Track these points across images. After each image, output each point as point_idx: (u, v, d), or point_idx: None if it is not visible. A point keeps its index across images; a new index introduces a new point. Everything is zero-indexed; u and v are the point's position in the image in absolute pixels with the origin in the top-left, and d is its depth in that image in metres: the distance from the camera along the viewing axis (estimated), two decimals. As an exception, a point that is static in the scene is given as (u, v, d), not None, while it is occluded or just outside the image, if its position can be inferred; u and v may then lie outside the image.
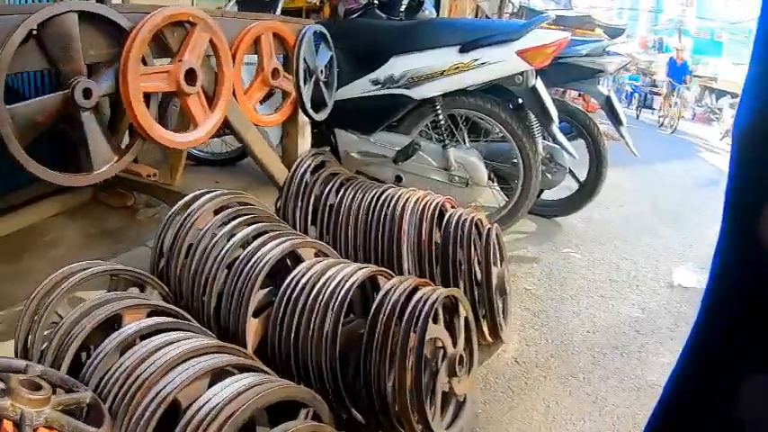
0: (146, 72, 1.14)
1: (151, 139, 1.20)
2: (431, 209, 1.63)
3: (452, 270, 1.53)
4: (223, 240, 1.40)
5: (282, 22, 1.58)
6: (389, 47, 2.19)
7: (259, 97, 1.60)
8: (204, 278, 1.34)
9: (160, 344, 0.94)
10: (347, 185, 1.83)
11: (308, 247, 1.44)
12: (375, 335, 1.17)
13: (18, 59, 0.98)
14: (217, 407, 0.81)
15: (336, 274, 1.29)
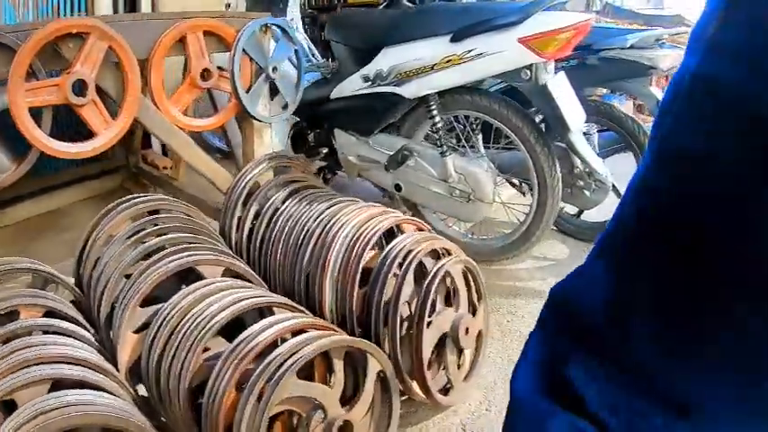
0: (31, 87, 1.32)
1: (46, 149, 1.40)
2: (368, 235, 1.61)
3: (375, 314, 1.51)
4: (127, 251, 1.58)
5: (218, 19, 1.68)
6: (379, 38, 2.17)
7: (188, 101, 1.72)
8: (102, 287, 1.52)
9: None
10: (293, 198, 1.89)
11: (211, 264, 1.54)
12: (222, 377, 1.23)
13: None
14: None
15: (218, 300, 1.37)
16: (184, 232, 1.69)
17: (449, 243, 1.68)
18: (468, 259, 1.66)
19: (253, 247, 1.85)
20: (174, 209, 1.81)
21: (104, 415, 1.05)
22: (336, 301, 1.58)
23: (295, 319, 1.36)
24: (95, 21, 1.39)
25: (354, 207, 1.78)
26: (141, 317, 1.41)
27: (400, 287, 1.50)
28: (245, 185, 1.94)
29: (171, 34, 1.56)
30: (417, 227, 1.75)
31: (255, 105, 1.85)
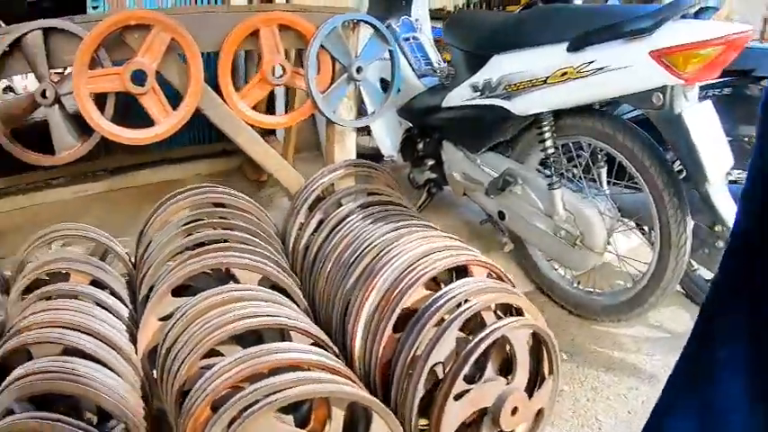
0: (93, 75, 1.40)
1: (105, 133, 1.48)
2: (419, 272, 1.43)
3: (400, 368, 1.32)
4: (176, 239, 1.63)
5: (296, 13, 1.61)
6: (491, 43, 1.95)
7: (258, 96, 1.69)
8: (146, 269, 1.59)
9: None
10: (360, 213, 1.77)
11: (244, 269, 1.51)
12: (201, 391, 1.17)
13: (8, 65, 1.44)
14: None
15: (233, 310, 1.33)
16: (239, 230, 1.69)
17: (523, 301, 1.45)
18: (541, 325, 1.41)
19: (307, 258, 1.78)
20: (238, 204, 1.83)
21: (85, 389, 1.12)
22: (366, 341, 1.42)
23: (303, 353, 1.25)
24: (157, 13, 1.44)
25: (420, 235, 1.62)
26: (169, 306, 1.44)
27: (436, 341, 1.31)
28: (314, 190, 1.88)
29: (241, 27, 1.55)
30: (492, 272, 1.53)
31: (332, 107, 1.77)
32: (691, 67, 1.45)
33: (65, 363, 1.15)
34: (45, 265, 1.45)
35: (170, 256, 1.57)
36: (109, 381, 1.19)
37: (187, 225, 1.67)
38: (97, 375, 1.18)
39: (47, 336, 1.20)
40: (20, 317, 1.29)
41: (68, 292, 1.40)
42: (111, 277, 1.56)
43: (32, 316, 1.26)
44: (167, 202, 1.79)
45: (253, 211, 1.84)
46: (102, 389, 1.15)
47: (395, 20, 2.44)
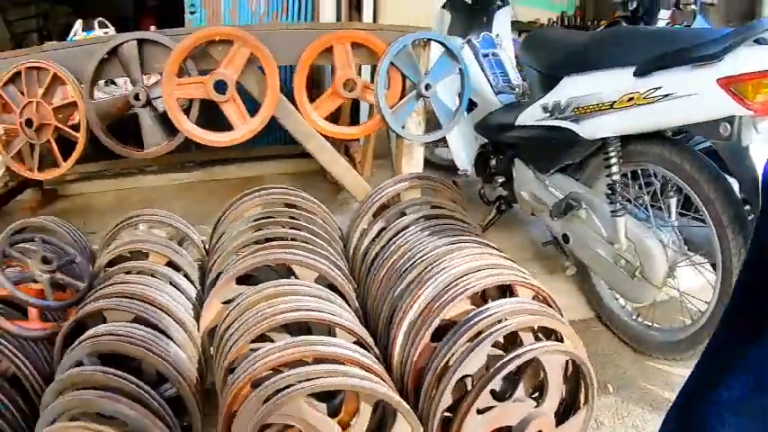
0: (181, 82, 1.61)
1: (188, 134, 1.69)
2: (461, 288, 1.49)
3: (430, 376, 1.39)
4: (246, 233, 1.80)
5: (369, 32, 1.73)
6: (562, 64, 1.96)
7: (330, 108, 1.83)
8: (216, 257, 1.78)
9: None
10: (418, 224, 1.85)
11: (302, 267, 1.64)
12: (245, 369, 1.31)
13: (106, 70, 1.67)
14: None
15: (284, 303, 1.46)
16: (305, 230, 1.83)
17: (564, 327, 1.45)
18: (579, 354, 1.41)
19: (365, 262, 1.89)
20: (307, 206, 1.98)
21: (145, 353, 1.31)
22: (405, 347, 1.51)
23: (342, 349, 1.35)
24: (239, 30, 1.63)
25: (471, 252, 1.67)
26: (232, 292, 1.60)
27: (467, 354, 1.36)
28: (378, 199, 1.99)
29: (317, 43, 1.70)
30: (539, 295, 1.55)
31: (400, 122, 1.87)
32: (761, 97, 1.38)
33: (132, 329, 1.35)
34: (128, 244, 1.68)
35: (238, 248, 1.75)
36: (169, 349, 1.37)
37: (257, 221, 1.85)
38: (159, 343, 1.36)
39: (119, 304, 1.41)
40: (100, 286, 1.52)
41: (145, 269, 1.62)
42: (186, 261, 1.77)
43: (111, 287, 1.48)
44: (243, 198, 1.98)
45: (320, 214, 1.99)
46: (162, 355, 1.33)
47: (475, 36, 2.50)
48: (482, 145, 2.58)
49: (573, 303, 2.16)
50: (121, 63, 1.69)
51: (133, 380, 1.24)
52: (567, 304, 2.09)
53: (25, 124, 1.68)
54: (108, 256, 1.68)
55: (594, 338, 2.00)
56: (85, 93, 1.68)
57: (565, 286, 2.25)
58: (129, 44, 1.67)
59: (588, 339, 1.91)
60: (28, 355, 1.35)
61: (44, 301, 1.42)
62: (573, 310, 2.08)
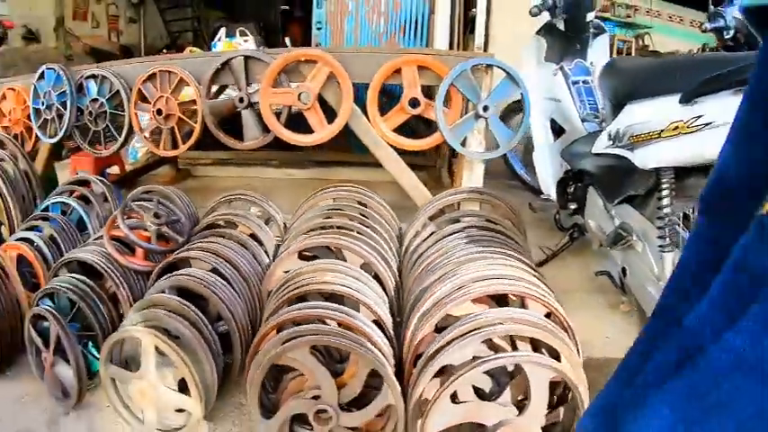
0: (274, 92, 2.05)
1: (278, 133, 2.14)
2: (466, 293, 1.68)
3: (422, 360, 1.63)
4: (315, 219, 2.19)
5: (434, 56, 2.01)
6: (626, 91, 2.02)
7: (398, 122, 2.13)
8: (290, 235, 2.19)
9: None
10: (462, 234, 2.08)
11: (350, 252, 1.97)
12: (273, 316, 1.69)
13: (219, 77, 2.15)
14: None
15: (322, 276, 1.80)
16: (365, 225, 2.16)
17: (565, 347, 1.49)
18: (570, 376, 1.46)
19: (410, 258, 2.16)
20: (374, 205, 2.32)
21: (209, 293, 1.77)
22: (413, 333, 1.75)
23: (355, 320, 1.64)
24: (321, 52, 2.02)
25: (496, 262, 1.82)
26: (292, 264, 1.97)
27: (450, 343, 1.55)
28: (434, 207, 2.25)
29: (388, 65, 2.03)
30: (553, 313, 1.62)
31: (458, 138, 2.11)
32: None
33: (205, 275, 1.80)
34: (223, 215, 2.17)
35: (306, 230, 2.14)
36: (228, 295, 1.79)
37: (327, 211, 2.24)
38: (223, 289, 1.79)
39: (201, 256, 1.87)
40: (193, 242, 2.01)
41: (231, 235, 2.08)
42: (266, 236, 2.21)
43: (200, 243, 1.95)
44: (322, 191, 2.39)
45: (384, 214, 2.31)
46: (222, 298, 1.75)
47: (568, 62, 2.60)
48: (565, 171, 2.67)
49: (626, 342, 2.18)
50: (232, 73, 2.20)
51: (194, 309, 1.69)
52: (615, 340, 2.12)
53: (156, 113, 2.31)
54: (206, 221, 2.20)
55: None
56: (203, 93, 2.24)
57: (624, 323, 2.26)
58: (237, 59, 2.18)
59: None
60: (128, 281, 1.89)
61: (149, 245, 1.96)
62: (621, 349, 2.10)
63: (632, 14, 4.56)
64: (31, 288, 2.03)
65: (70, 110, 2.64)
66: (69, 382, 1.76)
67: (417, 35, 3.35)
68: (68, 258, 1.96)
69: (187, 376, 1.60)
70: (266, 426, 1.59)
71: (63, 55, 6.59)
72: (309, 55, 2.11)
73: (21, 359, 1.99)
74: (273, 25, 8.27)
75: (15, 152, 2.73)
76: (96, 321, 1.80)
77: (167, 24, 9.10)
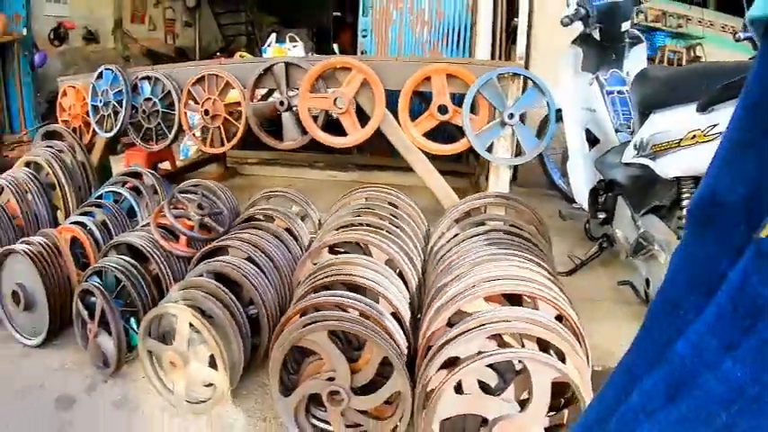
0: (311, 96, 2.23)
1: (314, 135, 2.32)
2: (474, 293, 1.78)
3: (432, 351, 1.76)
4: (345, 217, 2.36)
5: (462, 65, 2.14)
6: (651, 100, 2.09)
7: (427, 127, 2.27)
8: (323, 231, 2.37)
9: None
10: (483, 236, 2.19)
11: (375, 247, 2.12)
12: (298, 302, 1.87)
13: (262, 81, 2.35)
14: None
15: (345, 267, 1.97)
16: (393, 224, 2.31)
17: (570, 349, 1.55)
18: (571, 376, 1.51)
19: (434, 257, 2.29)
20: (403, 206, 2.47)
21: (243, 279, 1.96)
22: (428, 326, 1.88)
23: (373, 310, 1.79)
24: (355, 60, 2.19)
25: (513, 264, 1.92)
26: (322, 257, 2.13)
27: (458, 336, 1.66)
28: (459, 210, 2.38)
29: (418, 74, 2.18)
30: (564, 316, 1.70)
31: (484, 144, 2.23)
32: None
33: (241, 262, 1.98)
34: (262, 209, 2.37)
35: (337, 227, 2.30)
36: (260, 282, 1.97)
37: (359, 209, 2.40)
38: (256, 276, 1.97)
39: (238, 245, 2.06)
40: (233, 232, 2.20)
41: (268, 228, 2.27)
42: (301, 230, 2.38)
43: (239, 234, 2.14)
44: (355, 191, 2.55)
45: (413, 215, 2.45)
46: (255, 284, 1.93)
47: (603, 72, 2.63)
48: (598, 181, 2.73)
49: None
50: (274, 78, 2.41)
51: (228, 293, 1.87)
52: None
53: (204, 113, 2.54)
54: (246, 214, 2.40)
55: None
56: (247, 96, 2.46)
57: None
58: (279, 65, 2.38)
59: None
60: (170, 265, 2.10)
61: (191, 233, 2.18)
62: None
63: (684, 24, 4.54)
64: (81, 267, 2.28)
65: (125, 107, 2.92)
66: (110, 353, 1.98)
67: (460, 45, 3.49)
68: (117, 241, 2.20)
69: (216, 353, 1.78)
70: (284, 403, 1.76)
71: (120, 56, 7.06)
72: (344, 63, 2.28)
73: (68, 331, 2.24)
74: (326, 31, 8.59)
75: (73, 144, 3.04)
76: (139, 299, 2.02)
77: (222, 28, 9.57)
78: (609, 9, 2.48)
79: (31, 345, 2.24)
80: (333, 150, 3.79)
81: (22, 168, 2.89)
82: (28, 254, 2.12)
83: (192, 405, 1.87)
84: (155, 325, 1.90)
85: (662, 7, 4.77)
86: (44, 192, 2.78)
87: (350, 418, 1.73)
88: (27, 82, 5.44)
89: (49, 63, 5.72)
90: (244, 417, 1.87)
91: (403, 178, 3.85)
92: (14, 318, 2.30)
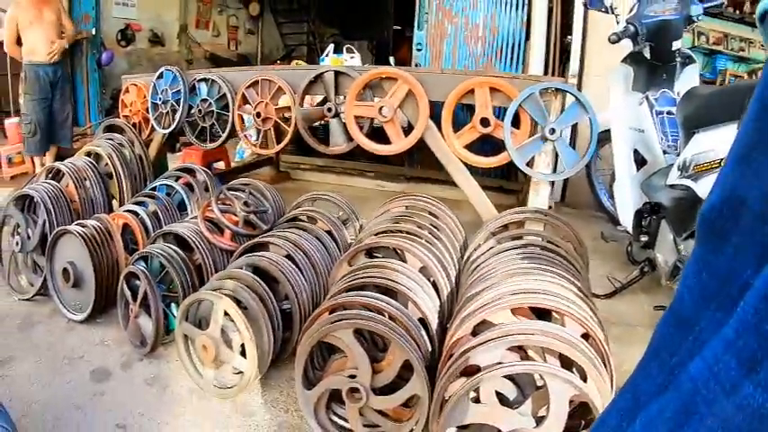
0: (358, 104, 2.37)
1: (359, 141, 2.46)
2: (505, 302, 1.84)
3: (454, 358, 1.84)
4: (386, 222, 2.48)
5: (505, 79, 2.23)
6: (696, 118, 2.10)
7: (469, 139, 2.37)
8: (362, 234, 2.51)
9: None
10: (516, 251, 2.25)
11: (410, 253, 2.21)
12: (328, 301, 1.99)
13: (312, 88, 2.52)
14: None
15: (379, 272, 2.07)
16: (431, 233, 2.40)
17: (592, 369, 1.57)
18: (590, 394, 1.54)
19: (469, 268, 2.36)
20: (442, 216, 2.56)
21: (281, 275, 2.10)
22: (453, 333, 1.95)
23: (400, 313, 1.87)
24: (401, 71, 2.31)
25: (543, 279, 1.97)
26: (359, 260, 2.24)
27: (479, 346, 1.71)
28: (497, 223, 2.45)
29: (462, 86, 2.28)
30: (591, 335, 1.71)
31: (524, 158, 2.31)
32: None
33: (279, 258, 2.12)
34: (306, 211, 2.52)
35: (375, 232, 2.41)
36: (296, 279, 2.09)
37: (398, 217, 2.50)
38: (293, 273, 2.09)
39: (279, 242, 2.19)
40: (276, 231, 2.35)
41: (310, 229, 2.40)
42: (341, 233, 2.50)
43: (282, 231, 2.28)
44: (396, 198, 2.66)
45: (451, 226, 2.54)
46: (290, 280, 2.06)
47: (653, 92, 2.63)
48: (644, 203, 2.73)
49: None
50: (323, 85, 2.57)
51: (264, 286, 2.01)
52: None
53: (256, 116, 2.72)
54: (290, 215, 2.56)
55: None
56: (297, 101, 2.62)
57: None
58: (328, 74, 2.55)
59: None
60: (213, 256, 2.27)
61: (236, 228, 2.35)
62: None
63: (746, 48, 4.45)
64: (130, 252, 2.48)
65: (183, 106, 3.16)
66: (148, 333, 2.15)
67: (513, 60, 3.58)
68: (165, 230, 2.39)
69: (247, 342, 1.92)
70: (306, 396, 1.86)
71: (184, 59, 7.50)
72: (390, 73, 2.42)
73: (111, 311, 2.46)
74: (386, 44, 8.84)
75: (133, 138, 3.31)
76: (180, 285, 2.19)
77: (283, 37, 9.99)
78: (659, 27, 2.50)
79: (75, 320, 2.47)
80: (383, 161, 3.97)
81: (82, 157, 3.17)
82: (81, 235, 2.35)
83: (220, 390, 2.01)
84: (192, 310, 2.06)
85: (724, 30, 4.70)
86: (101, 180, 3.02)
87: (368, 417, 1.81)
88: (94, 78, 5.88)
89: (115, 62, 6.15)
90: (267, 406, 1.99)
91: (449, 192, 3.92)
92: (63, 293, 2.54)
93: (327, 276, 2.27)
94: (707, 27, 4.72)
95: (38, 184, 2.92)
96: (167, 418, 1.92)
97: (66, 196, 2.86)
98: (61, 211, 2.79)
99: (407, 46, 4.57)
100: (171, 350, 2.23)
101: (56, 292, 2.57)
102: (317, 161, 4.48)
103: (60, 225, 2.64)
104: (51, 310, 2.60)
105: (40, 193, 2.80)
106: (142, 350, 2.20)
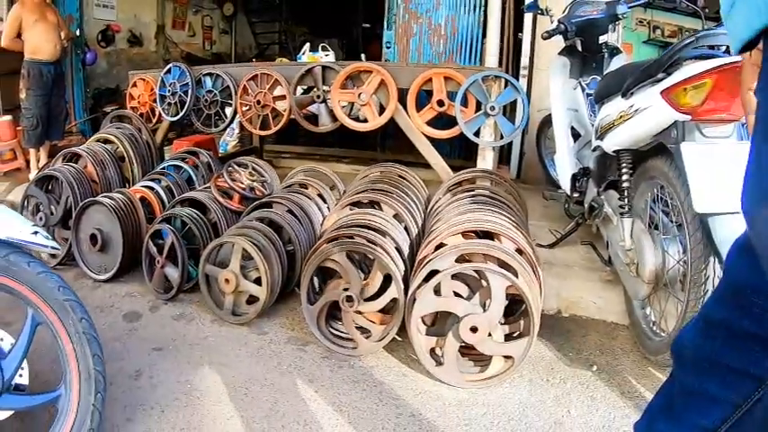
0: (341, 92, 3.23)
1: (343, 121, 3.32)
2: (455, 226, 2.70)
3: (418, 267, 2.68)
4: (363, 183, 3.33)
5: (455, 69, 3.12)
6: (604, 92, 2.84)
7: (429, 117, 3.24)
8: (346, 195, 3.37)
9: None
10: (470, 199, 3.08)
11: (385, 204, 3.03)
12: (325, 234, 2.83)
13: (303, 80, 3.40)
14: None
15: (357, 218, 2.93)
16: (401, 191, 3.20)
17: (522, 268, 2.31)
18: (521, 286, 2.23)
19: (431, 215, 3.10)
20: (410, 179, 3.41)
21: (285, 222, 2.88)
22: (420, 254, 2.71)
23: (381, 240, 2.65)
24: (375, 65, 3.17)
25: (486, 211, 2.78)
26: (344, 212, 2.97)
27: (435, 255, 2.53)
28: (453, 181, 3.25)
29: (422, 76, 3.15)
30: (521, 249, 2.48)
31: (471, 130, 3.17)
32: (687, 102, 1.80)
33: (282, 212, 2.86)
34: (299, 179, 3.30)
35: (358, 191, 3.19)
36: (296, 227, 2.83)
37: (375, 179, 3.31)
38: (293, 223, 2.85)
39: (282, 201, 2.94)
40: (276, 194, 3.15)
41: (303, 191, 3.16)
42: (329, 195, 3.23)
43: (282, 192, 3.06)
44: (372, 166, 3.47)
45: (416, 184, 3.31)
46: (293, 227, 2.80)
47: (585, 78, 3.37)
48: (579, 168, 3.55)
49: (605, 305, 2.95)
50: (312, 77, 3.44)
51: (271, 231, 2.82)
52: (598, 305, 2.93)
53: (256, 103, 3.60)
54: (287, 182, 3.34)
55: (612, 336, 2.73)
56: (291, 90, 3.49)
57: (606, 291, 3.10)
58: (317, 68, 3.41)
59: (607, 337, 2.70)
60: (226, 216, 3.05)
61: (244, 192, 3.17)
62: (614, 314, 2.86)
63: (699, 40, 5.24)
64: (148, 221, 3.17)
65: (191, 97, 3.99)
66: (174, 280, 2.88)
67: (472, 55, 4.47)
68: (183, 197, 3.14)
69: (262, 273, 2.67)
70: (309, 310, 2.59)
71: (162, 59, 8.15)
72: (366, 67, 3.30)
73: (133, 271, 3.16)
74: (355, 42, 9.68)
75: (140, 126, 4.09)
76: (201, 239, 2.98)
77: (256, 36, 10.76)
78: (586, 24, 3.24)
79: (100, 279, 3.14)
80: (358, 147, 4.81)
81: (94, 143, 3.88)
82: (109, 205, 3.05)
83: (237, 317, 2.73)
84: (213, 254, 2.84)
85: (679, 23, 5.49)
86: (116, 162, 3.72)
87: (359, 323, 2.54)
88: (79, 78, 6.51)
89: (97, 62, 6.80)
90: (276, 327, 2.72)
91: (417, 173, 4.77)
92: (87, 257, 3.21)
93: (320, 226, 3.07)
94: (662, 21, 5.40)
95: (59, 167, 3.57)
96: (196, 340, 2.59)
97: (86, 176, 3.52)
98: (83, 189, 3.44)
99: (377, 42, 5.31)
100: (191, 296, 2.95)
101: (80, 256, 3.22)
102: (297, 149, 5.34)
103: (81, 199, 3.27)
104: (76, 274, 3.24)
105: (63, 173, 3.45)
106: (166, 296, 2.90)
